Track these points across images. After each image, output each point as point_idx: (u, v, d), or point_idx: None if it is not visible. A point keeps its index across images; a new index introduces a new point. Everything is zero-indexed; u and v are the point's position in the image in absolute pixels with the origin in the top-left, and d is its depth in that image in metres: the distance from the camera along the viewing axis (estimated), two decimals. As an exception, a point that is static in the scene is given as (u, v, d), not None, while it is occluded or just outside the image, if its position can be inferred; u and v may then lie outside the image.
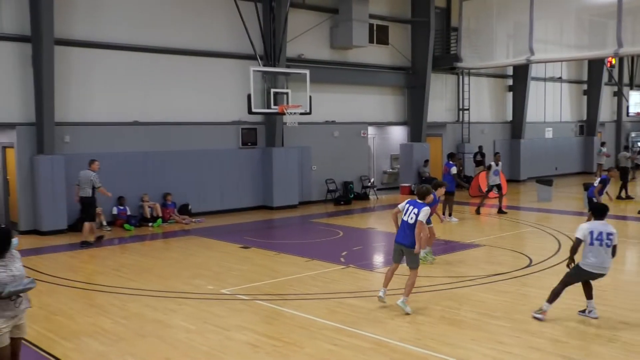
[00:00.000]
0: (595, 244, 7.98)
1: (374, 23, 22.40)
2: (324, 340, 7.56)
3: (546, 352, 7.13)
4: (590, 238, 8.00)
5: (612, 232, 8.02)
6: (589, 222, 8.30)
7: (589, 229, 8.06)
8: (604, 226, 8.05)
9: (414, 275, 8.76)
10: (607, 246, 7.97)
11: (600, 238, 7.96)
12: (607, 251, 8.00)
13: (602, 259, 8.00)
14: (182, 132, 17.97)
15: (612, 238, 7.99)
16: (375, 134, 24.68)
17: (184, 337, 7.74)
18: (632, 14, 20.13)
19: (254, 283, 10.41)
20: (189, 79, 18.07)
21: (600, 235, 7.97)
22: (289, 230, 16.81)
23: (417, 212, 8.61)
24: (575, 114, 33.31)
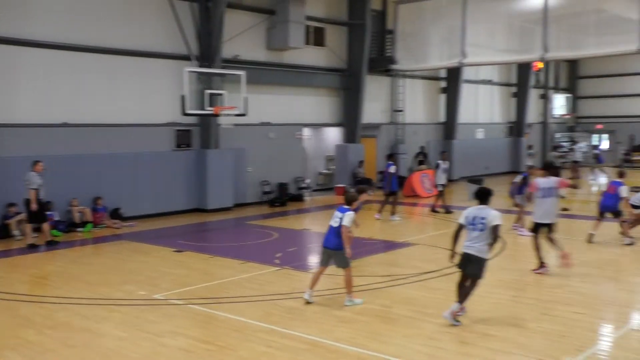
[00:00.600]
0: (469, 228, 8.08)
1: (310, 25, 22.46)
2: (259, 342, 7.53)
3: (477, 345, 7.32)
4: (466, 222, 8.13)
5: (483, 215, 7.99)
6: (469, 208, 8.27)
7: (465, 214, 8.18)
8: (478, 210, 8.08)
9: (348, 273, 8.98)
10: (480, 230, 7.96)
11: (474, 222, 8.04)
12: (480, 235, 7.97)
13: (471, 241, 8.04)
14: (114, 134, 17.51)
15: (484, 222, 7.95)
16: (311, 135, 24.76)
17: (115, 345, 7.54)
18: (557, 22, 20.97)
19: (188, 287, 10.26)
20: (121, 80, 17.63)
21: (474, 219, 8.04)
22: (223, 232, 16.65)
23: (342, 217, 8.83)
24: (504, 116, 34.37)
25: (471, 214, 8.13)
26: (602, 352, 7.25)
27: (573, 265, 10.91)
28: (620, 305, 9.14)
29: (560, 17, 21.05)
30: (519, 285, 10.25)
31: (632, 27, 18.26)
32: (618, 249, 13.31)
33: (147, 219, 17.90)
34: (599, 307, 8.96)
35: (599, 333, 7.91)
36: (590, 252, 12.91)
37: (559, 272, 11.68)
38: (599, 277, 10.81)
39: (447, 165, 19.24)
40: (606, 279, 10.75)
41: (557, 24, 20.98)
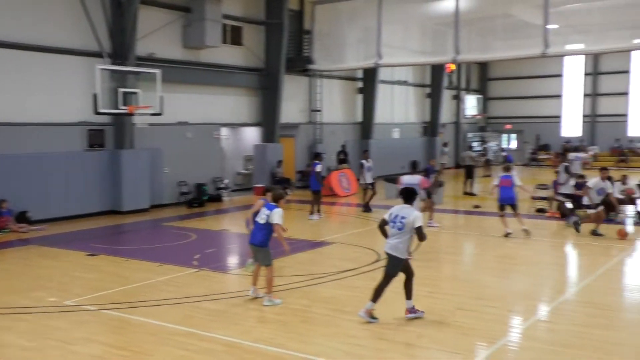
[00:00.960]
0: (390, 225, 8.16)
1: (227, 23, 22.24)
2: (176, 346, 7.38)
3: (394, 341, 7.47)
4: (389, 219, 8.20)
5: (404, 215, 8.03)
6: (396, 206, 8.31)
7: (390, 211, 8.24)
8: (401, 209, 8.15)
9: (270, 272, 9.05)
10: (398, 229, 8.03)
11: (394, 220, 8.10)
12: (399, 234, 8.02)
13: (390, 240, 8.09)
14: (21, 133, 16.69)
15: (403, 221, 7.99)
16: (229, 135, 24.52)
17: (21, 355, 7.18)
18: (468, 25, 21.73)
19: (102, 292, 9.91)
20: (29, 77, 16.82)
21: (395, 217, 8.11)
22: (139, 235, 16.23)
23: (269, 214, 8.92)
24: (419, 116, 35.27)
25: (394, 212, 8.20)
26: (512, 343, 7.57)
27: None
28: (529, 297, 9.56)
29: (470, 21, 21.83)
30: (434, 281, 10.53)
31: (537, 32, 19.14)
32: (525, 243, 13.92)
33: (58, 222, 17.17)
34: (509, 300, 9.33)
35: (509, 325, 8.24)
36: (500, 247, 13.44)
37: (472, 268, 12.12)
38: (509, 272, 11.28)
39: (370, 163, 19.51)
40: (515, 273, 11.22)
41: (468, 27, 21.74)
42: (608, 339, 7.52)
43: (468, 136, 39.71)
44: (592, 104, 38.10)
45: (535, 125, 39.57)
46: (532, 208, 18.29)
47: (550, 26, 18.95)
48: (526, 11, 21.67)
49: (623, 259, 12.20)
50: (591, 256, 12.92)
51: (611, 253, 12.84)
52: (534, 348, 7.30)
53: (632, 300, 9.75)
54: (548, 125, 39.31)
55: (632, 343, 7.49)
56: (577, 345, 7.29)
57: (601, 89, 37.80)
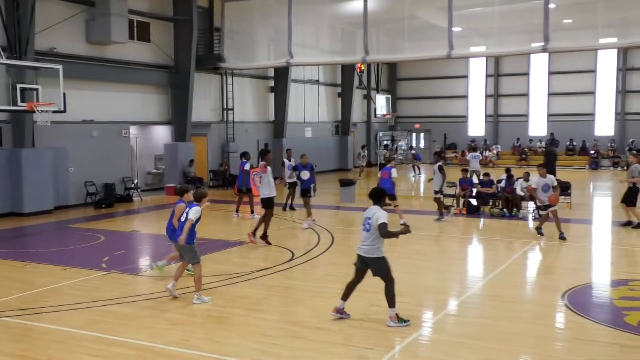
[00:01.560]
0: (362, 229, 8.17)
1: (134, 19, 21.62)
2: (84, 352, 7.10)
3: (308, 339, 7.50)
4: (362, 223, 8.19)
5: (369, 216, 8.05)
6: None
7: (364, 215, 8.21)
8: (368, 211, 8.18)
9: (198, 269, 9.14)
10: (366, 231, 8.04)
11: (363, 223, 8.12)
12: (368, 236, 8.03)
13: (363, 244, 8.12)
14: None
15: (370, 222, 8.02)
16: (138, 133, 23.85)
17: None
18: (376, 26, 22.14)
19: (0, 299, 9.39)
20: None
21: (364, 220, 8.12)
22: (43, 237, 15.49)
23: (188, 212, 9.07)
24: (331, 115, 35.65)
25: (364, 215, 8.15)
26: (423, 337, 7.77)
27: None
28: (438, 292, 9.85)
29: (379, 22, 22.26)
30: (347, 279, 10.60)
31: (442, 34, 19.73)
32: (434, 240, 14.36)
33: (-49, 225, 16.15)
34: (419, 295, 9.59)
35: (420, 319, 8.45)
36: (410, 244, 13.77)
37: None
38: (419, 268, 11.57)
39: (292, 162, 19.44)
40: (425, 269, 11.54)
41: (376, 28, 22.17)
42: (513, 330, 7.87)
43: (379, 135, 40.50)
44: (495, 105, 39.82)
45: (443, 124, 40.90)
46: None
47: (455, 29, 19.61)
48: (432, 14, 22.32)
49: (525, 254, 12.81)
50: (496, 251, 13.49)
51: (514, 248, 13.46)
52: (443, 341, 7.54)
53: (534, 292, 10.27)
54: (455, 124, 40.73)
55: (535, 333, 7.87)
56: (484, 337, 7.59)
57: (502, 90, 39.57)
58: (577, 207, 18.57)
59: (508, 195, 17.36)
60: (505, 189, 17.55)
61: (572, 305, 8.83)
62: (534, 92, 38.63)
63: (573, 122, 37.14)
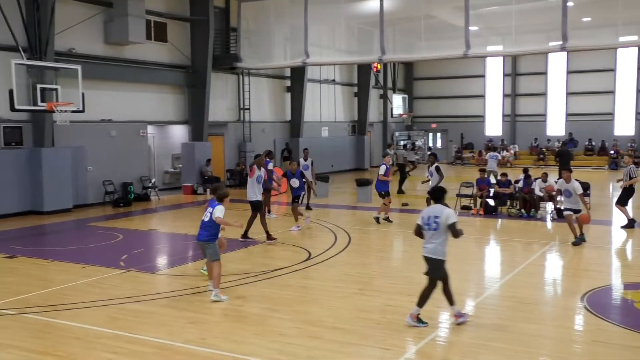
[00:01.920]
0: (425, 229, 7.93)
1: (151, 19, 21.77)
2: (103, 349, 7.16)
3: (324, 339, 7.51)
4: (422, 222, 7.97)
5: (437, 214, 7.85)
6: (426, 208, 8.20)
7: (421, 215, 7.99)
8: (432, 210, 7.98)
9: (217, 267, 9.20)
10: (434, 230, 7.82)
11: (429, 222, 7.90)
12: (435, 235, 7.83)
13: (428, 243, 7.91)
14: None
15: (437, 221, 7.81)
16: (156, 133, 24.01)
17: None
18: (392, 26, 22.07)
19: (22, 295, 9.51)
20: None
21: (429, 219, 7.91)
22: (62, 235, 15.65)
23: (212, 211, 9.16)
24: (347, 115, 35.63)
25: (426, 214, 7.94)
26: (440, 338, 7.75)
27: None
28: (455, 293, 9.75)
29: (395, 21, 22.18)
30: (364, 279, 10.66)
31: (459, 33, 19.64)
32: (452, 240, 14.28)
33: (-28, 223, 16.38)
34: (436, 296, 9.52)
35: (437, 320, 8.42)
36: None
37: (401, 265, 12.34)
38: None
39: (309, 162, 19.47)
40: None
41: (392, 27, 22.10)
42: (530, 332, 7.81)
43: (396, 135, 40.40)
44: (512, 104, 39.54)
45: (460, 124, 40.73)
46: (457, 205, 18.81)
47: (471, 28, 19.51)
48: (448, 13, 22.22)
49: (544, 255, 12.71)
50: (513, 252, 13.41)
51: (532, 249, 13.36)
52: (460, 342, 7.51)
53: (552, 293, 10.19)
54: (472, 124, 40.54)
55: (553, 336, 7.81)
56: (501, 339, 7.54)
57: (520, 90, 39.29)
58: (597, 208, 18.36)
59: (526, 196, 17.25)
60: (523, 189, 17.44)
61: (592, 307, 8.75)
62: (552, 91, 38.31)
63: (592, 121, 36.79)
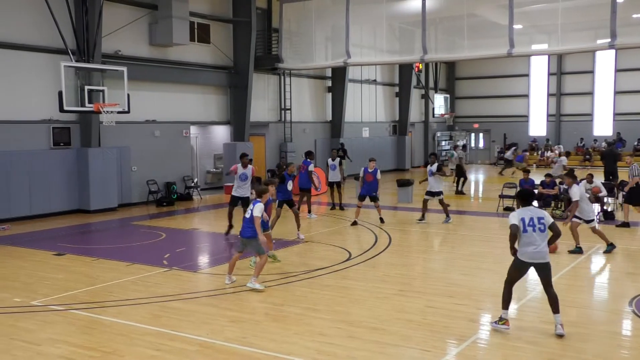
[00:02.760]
0: (530, 230, 7.50)
1: (194, 21, 22.09)
2: (146, 346, 7.30)
3: (364, 339, 7.50)
4: (522, 225, 7.53)
5: (541, 215, 7.59)
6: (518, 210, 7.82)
7: (519, 218, 7.55)
8: (532, 212, 7.63)
9: (263, 259, 9.79)
10: (541, 231, 7.49)
11: (532, 224, 7.51)
12: (542, 236, 7.50)
13: (539, 246, 7.50)
14: (-17, 131, 16.37)
15: (543, 222, 7.52)
16: (198, 133, 24.35)
17: (-13, 356, 7.05)
18: (434, 25, 21.91)
19: (70, 292, 9.77)
20: (-10, 73, 16.53)
21: (532, 221, 7.52)
22: (108, 234, 16.01)
23: (252, 208, 9.78)
24: (388, 115, 35.48)
25: (526, 215, 7.55)
26: (482, 340, 7.65)
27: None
28: (497, 295, 9.64)
29: (437, 21, 22.01)
30: (404, 280, 10.60)
31: (503, 32, 19.36)
32: (494, 242, 14.11)
33: (23, 221, 16.88)
34: (477, 298, 9.44)
35: (478, 322, 8.33)
36: (469, 246, 13.60)
37: (442, 266, 12.23)
38: (478, 270, 11.40)
39: (336, 162, 19.49)
40: (484, 271, 11.35)
41: (434, 27, 21.93)
42: (574, 336, 7.64)
43: (437, 135, 40.07)
44: (557, 104, 38.78)
45: (503, 124, 40.16)
46: (500, 207, 18.55)
47: (516, 26, 19.20)
48: (491, 11, 21.94)
49: (589, 257, 12.44)
50: (558, 255, 13.13)
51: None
52: (502, 345, 7.40)
53: (598, 297, 9.96)
54: (515, 124, 39.94)
55: (599, 340, 7.64)
56: (544, 342, 7.41)
57: (565, 89, 38.50)
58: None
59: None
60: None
61: (640, 312, 8.54)
62: (599, 90, 37.45)
63: (641, 121, 35.87)
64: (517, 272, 7.81)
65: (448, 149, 39.81)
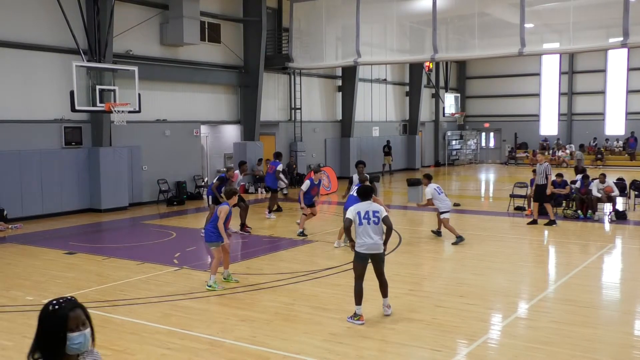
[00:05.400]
0: (364, 223, 8.06)
1: (205, 21, 22.13)
2: (157, 344, 7.33)
3: (374, 339, 7.49)
4: (358, 219, 8.10)
5: (377, 209, 8.16)
6: (355, 205, 8.43)
7: (354, 212, 8.15)
8: (368, 206, 8.23)
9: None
10: (375, 224, 8.06)
11: (367, 217, 8.08)
12: (376, 229, 8.08)
13: (373, 237, 8.06)
14: (-4, 130, 16.49)
15: (378, 215, 8.09)
16: (209, 132, 24.41)
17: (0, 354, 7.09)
18: (445, 24, 21.84)
19: (81, 290, 9.82)
20: (3, 74, 16.63)
21: (367, 214, 8.10)
22: (118, 233, 16.08)
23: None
24: (399, 114, 35.41)
25: (362, 209, 8.19)
26: (492, 340, 7.63)
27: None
28: (508, 295, 9.65)
29: (448, 20, 21.93)
30: (414, 279, 10.59)
31: (514, 31, 19.27)
32: (504, 241, 14.05)
33: (35, 220, 16.99)
34: (488, 298, 9.41)
35: (489, 322, 8.30)
36: (479, 245, 13.55)
37: (452, 266, 12.20)
38: (488, 269, 11.36)
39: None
40: (494, 271, 11.31)
41: (445, 26, 21.86)
42: (586, 336, 7.61)
43: (448, 135, 39.94)
44: (569, 103, 38.55)
45: (514, 123, 39.96)
46: (510, 206, 18.48)
47: (527, 25, 19.10)
48: (502, 10, 21.82)
49: (601, 257, 12.36)
50: (569, 254, 13.08)
51: (589, 251, 13.01)
52: (513, 345, 7.37)
53: (609, 297, 9.89)
54: (526, 123, 39.73)
55: (610, 340, 7.60)
56: (556, 343, 7.37)
57: (577, 88, 38.27)
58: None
59: (583, 197, 16.80)
60: (580, 190, 16.99)
61: (651, 312, 8.47)
62: (611, 89, 37.16)
63: (654, 120, 35.59)
64: (360, 263, 8.18)
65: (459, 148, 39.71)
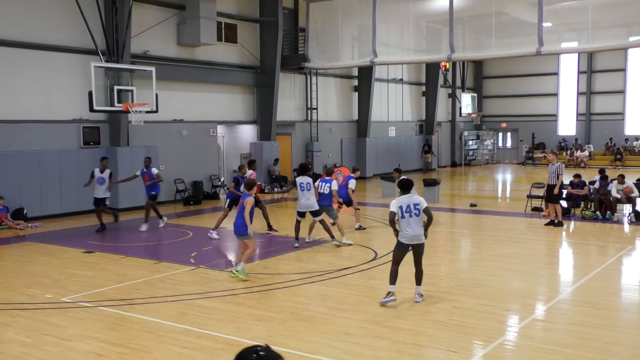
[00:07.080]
0: (406, 215, 8.58)
1: (222, 21, 22.22)
2: (173, 343, 7.37)
3: (390, 339, 7.47)
4: (400, 212, 8.60)
5: (417, 202, 8.67)
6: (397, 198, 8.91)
7: (397, 205, 8.64)
8: (408, 199, 8.70)
9: (338, 222, 12.44)
10: (416, 216, 8.58)
11: (409, 210, 8.58)
12: (418, 220, 8.61)
13: (416, 229, 8.62)
14: (15, 130, 16.67)
15: (418, 207, 8.60)
16: (225, 132, 24.49)
17: (19, 351, 7.17)
18: (462, 24, 21.74)
19: (98, 289, 9.91)
20: (22, 74, 16.82)
21: (408, 207, 8.60)
22: (136, 232, 16.18)
23: (329, 185, 12.73)
24: (415, 114, 35.29)
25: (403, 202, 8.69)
26: (509, 341, 7.57)
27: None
28: (525, 296, 9.58)
29: (465, 19, 21.83)
30: (431, 280, 10.53)
31: (531, 30, 19.13)
32: (522, 242, 13.95)
33: (54, 219, 17.17)
34: (505, 299, 9.35)
35: (506, 324, 8.25)
36: (497, 246, 13.47)
37: (469, 266, 12.14)
38: (505, 271, 11.29)
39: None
40: (512, 272, 11.24)
41: (462, 25, 21.76)
42: (604, 339, 7.54)
43: (464, 135, 39.74)
44: (587, 103, 38.18)
45: (531, 123, 39.67)
46: (528, 207, 18.34)
47: (545, 24, 18.95)
48: (520, 9, 21.67)
49: (620, 259, 12.23)
50: (587, 256, 12.96)
51: (607, 252, 12.88)
52: (530, 347, 7.32)
53: (629, 299, 9.78)
54: (544, 123, 39.42)
55: (629, 343, 7.52)
56: (573, 345, 7.31)
57: (596, 87, 37.89)
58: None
59: (602, 198, 16.63)
60: (599, 191, 16.82)
61: (671, 315, 8.36)
62: (631, 88, 36.75)
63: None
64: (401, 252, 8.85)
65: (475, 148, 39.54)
